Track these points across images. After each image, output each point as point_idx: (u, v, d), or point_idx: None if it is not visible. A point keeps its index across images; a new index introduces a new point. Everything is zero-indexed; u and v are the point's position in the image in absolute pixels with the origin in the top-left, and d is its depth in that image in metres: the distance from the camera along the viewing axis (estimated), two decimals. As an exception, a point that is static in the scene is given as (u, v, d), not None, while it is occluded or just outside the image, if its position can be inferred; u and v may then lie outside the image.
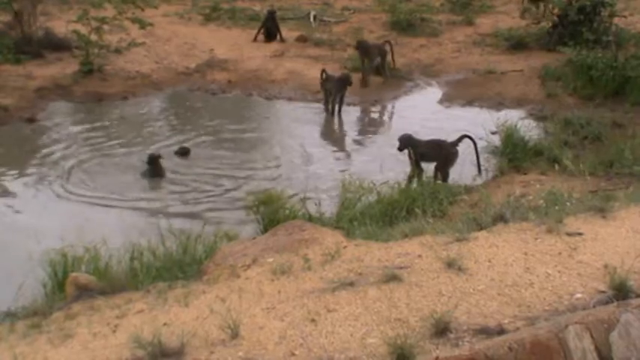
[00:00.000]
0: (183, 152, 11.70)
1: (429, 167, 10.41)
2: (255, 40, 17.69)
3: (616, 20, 16.38)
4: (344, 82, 13.43)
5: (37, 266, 7.18)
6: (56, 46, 15.89)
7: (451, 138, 10.51)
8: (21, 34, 15.67)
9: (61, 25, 16.24)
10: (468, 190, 9.71)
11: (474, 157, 10.56)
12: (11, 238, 8.93)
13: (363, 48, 15.00)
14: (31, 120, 13.02)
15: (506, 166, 10.62)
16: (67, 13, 17.44)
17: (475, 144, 10.39)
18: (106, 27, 15.17)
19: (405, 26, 18.72)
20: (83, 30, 15.00)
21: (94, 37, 14.95)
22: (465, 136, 10.38)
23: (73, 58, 15.19)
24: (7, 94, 13.61)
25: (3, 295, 6.73)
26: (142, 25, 15.70)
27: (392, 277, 5.27)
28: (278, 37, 17.81)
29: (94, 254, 7.29)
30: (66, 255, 7.14)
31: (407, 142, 10.50)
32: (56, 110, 13.78)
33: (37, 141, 12.18)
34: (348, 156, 11.81)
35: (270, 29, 17.75)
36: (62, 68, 15.04)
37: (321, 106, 13.79)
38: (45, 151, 11.72)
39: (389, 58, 15.48)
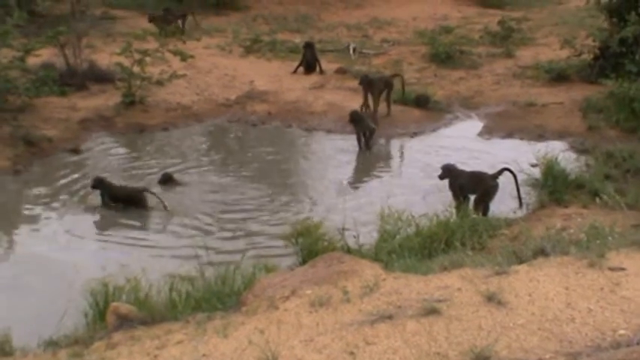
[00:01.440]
0: (165, 180, 11.74)
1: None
2: (295, 72, 17.82)
3: (658, 52, 16.23)
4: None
5: (78, 296, 7.25)
6: (100, 78, 16.17)
7: (491, 170, 10.47)
8: (66, 67, 15.97)
9: (105, 58, 16.52)
10: (508, 223, 9.62)
11: (514, 190, 10.48)
12: (53, 267, 9.05)
13: (366, 82, 14.91)
14: (75, 151, 13.23)
15: (546, 199, 10.51)
16: (110, 46, 17.71)
17: (515, 177, 10.31)
18: (148, 59, 15.38)
19: (445, 58, 18.72)
20: (126, 62, 15.24)
21: (136, 69, 15.17)
22: (506, 169, 10.32)
23: (115, 89, 15.42)
24: (52, 125, 13.86)
25: (46, 324, 6.80)
26: (184, 57, 15.91)
27: (431, 311, 5.24)
28: (317, 68, 17.92)
29: (134, 284, 7.34)
30: (107, 285, 7.20)
31: (448, 172, 10.48)
32: (99, 141, 13.97)
33: (79, 171, 12.35)
34: (387, 188, 11.78)
35: (309, 61, 17.87)
36: (105, 100, 15.28)
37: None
38: (87, 181, 11.86)
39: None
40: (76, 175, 12.19)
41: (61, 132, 13.75)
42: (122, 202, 10.95)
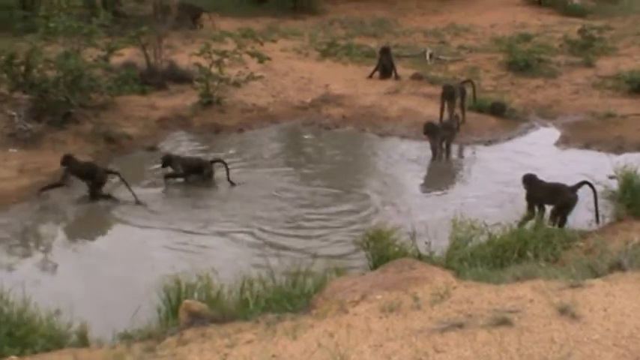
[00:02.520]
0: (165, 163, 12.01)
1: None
2: (370, 77, 17.83)
3: None
4: (448, 126, 13.48)
5: (152, 292, 7.40)
6: (179, 78, 16.49)
7: (567, 181, 10.31)
8: (147, 66, 16.32)
9: (184, 58, 16.82)
10: (583, 235, 9.45)
11: (591, 203, 10.29)
12: (130, 262, 9.28)
13: (449, 94, 14.76)
14: (153, 149, 13.50)
15: (624, 213, 10.28)
16: (190, 47, 18.01)
17: (595, 192, 10.09)
18: (226, 60, 15.60)
19: (522, 66, 18.50)
20: (204, 63, 15.49)
21: (214, 70, 15.41)
22: (585, 182, 10.13)
23: (193, 90, 15.69)
24: (133, 123, 14.19)
25: (121, 318, 6.97)
26: (261, 59, 16.08)
27: (502, 321, 5.19)
28: (393, 74, 17.89)
29: (206, 282, 7.45)
30: (180, 282, 7.32)
31: (528, 182, 10.36)
32: (176, 140, 14.23)
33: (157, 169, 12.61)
34: (459, 195, 11.71)
35: (385, 66, 17.86)
36: (183, 100, 15.56)
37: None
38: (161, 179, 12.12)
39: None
40: (154, 172, 12.44)
41: (140, 130, 14.08)
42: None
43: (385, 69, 17.83)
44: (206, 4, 24.52)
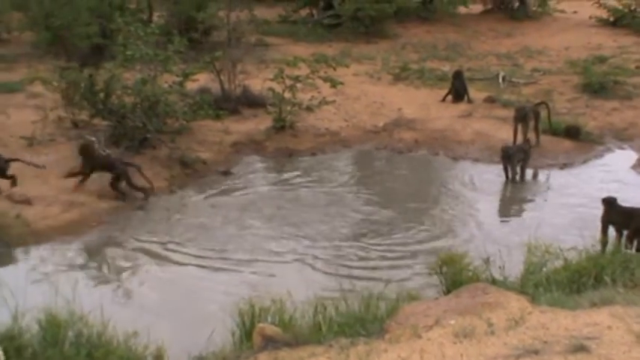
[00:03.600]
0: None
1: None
2: (443, 100, 17.79)
3: None
4: (522, 149, 13.38)
5: (227, 315, 7.50)
6: (252, 102, 16.74)
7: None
8: (221, 91, 16.61)
9: (258, 83, 17.06)
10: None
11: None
12: (205, 287, 9.43)
13: (522, 116, 14.59)
14: (227, 173, 13.70)
15: None
16: (263, 72, 18.27)
17: None
18: (298, 85, 15.78)
19: (597, 89, 18.22)
20: (278, 88, 15.69)
21: (287, 94, 15.59)
22: None
23: (267, 114, 15.90)
24: (207, 148, 14.44)
25: (197, 341, 7.08)
26: (334, 83, 16.20)
27: (579, 348, 5.12)
28: (466, 97, 17.81)
29: (279, 306, 7.51)
30: (254, 306, 7.40)
31: (606, 205, 10.19)
32: (249, 164, 14.42)
33: (232, 193, 12.80)
34: (534, 219, 11.56)
35: (458, 90, 17.79)
36: (256, 124, 15.78)
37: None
38: (239, 202, 12.29)
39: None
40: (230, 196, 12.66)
41: (215, 154, 14.31)
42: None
43: (458, 93, 17.77)
44: (280, 31, 24.89)
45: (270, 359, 6.10)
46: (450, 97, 17.82)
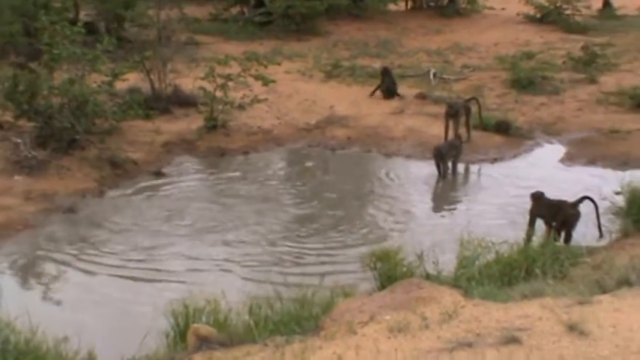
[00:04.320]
0: None
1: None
2: (372, 95, 17.86)
3: None
4: (454, 146, 13.54)
5: (160, 317, 7.40)
6: (183, 102, 16.53)
7: (572, 198, 10.31)
8: (151, 91, 16.39)
9: (189, 82, 16.86)
10: (590, 251, 9.43)
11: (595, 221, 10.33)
12: (138, 287, 9.29)
13: (453, 113, 14.72)
14: (158, 173, 13.53)
15: (631, 228, 10.27)
16: (194, 71, 18.06)
17: (596, 206, 10.09)
18: (230, 84, 15.66)
19: (526, 84, 18.51)
20: (209, 87, 15.55)
21: (219, 93, 15.46)
22: (586, 197, 10.13)
23: (198, 113, 15.73)
24: (137, 148, 14.22)
25: (129, 344, 6.96)
26: (265, 82, 16.13)
27: (511, 339, 5.18)
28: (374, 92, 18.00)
29: (214, 306, 7.44)
30: (187, 306, 7.32)
31: (534, 199, 10.37)
32: (181, 164, 14.25)
33: (163, 194, 12.65)
34: (466, 214, 11.70)
35: (389, 87, 17.87)
36: (188, 124, 15.60)
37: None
38: (171, 203, 12.16)
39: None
40: (160, 197, 12.50)
41: (145, 154, 14.10)
42: None
43: (389, 89, 17.85)
44: (211, 29, 24.68)
45: (204, 360, 6.03)
46: (379, 94, 17.85)
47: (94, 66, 14.71)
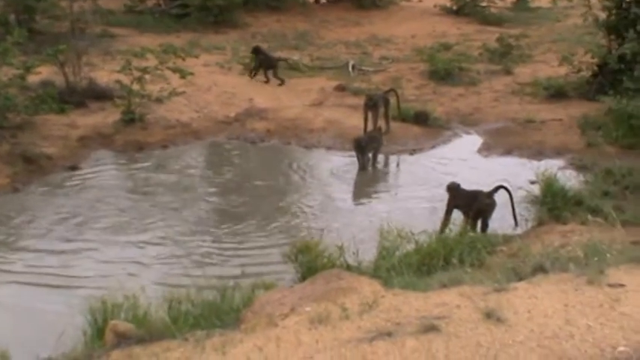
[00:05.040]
0: None
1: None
2: (252, 76, 18.47)
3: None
4: (374, 138, 13.61)
5: (77, 314, 7.24)
6: (99, 95, 16.17)
7: (489, 188, 10.48)
8: (65, 84, 16.00)
9: (104, 75, 16.54)
10: (507, 240, 9.62)
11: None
12: (53, 285, 9.06)
13: (372, 105, 14.82)
14: (74, 168, 13.23)
15: (545, 216, 10.51)
16: (110, 64, 17.73)
17: (511, 195, 10.26)
18: (147, 77, 15.40)
19: (444, 75, 18.75)
20: (125, 80, 15.27)
21: (135, 86, 15.20)
22: (501, 186, 10.30)
23: (115, 107, 15.41)
24: (52, 142, 13.85)
25: (44, 343, 6.78)
26: (183, 74, 15.91)
27: (430, 328, 5.23)
28: (253, 72, 18.59)
29: (132, 302, 7.32)
30: (106, 302, 7.18)
31: (451, 191, 10.50)
32: (98, 159, 13.96)
33: (79, 188, 12.38)
34: (386, 205, 11.78)
35: (264, 62, 18.51)
36: (104, 117, 15.28)
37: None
38: (87, 198, 11.91)
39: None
40: (75, 192, 12.23)
41: (60, 149, 13.74)
42: None
43: (269, 63, 18.49)
44: (126, 21, 24.24)
45: (123, 356, 5.93)
46: (277, 85, 18.15)
47: (4, 59, 14.27)
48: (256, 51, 18.71)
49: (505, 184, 10.35)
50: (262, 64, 18.53)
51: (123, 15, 25.20)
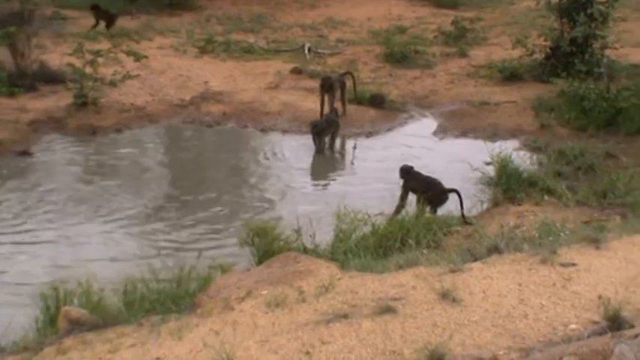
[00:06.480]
0: None
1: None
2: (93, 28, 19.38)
3: (608, 52, 16.53)
4: (332, 121, 13.60)
5: (28, 301, 7.14)
6: (50, 79, 15.90)
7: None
8: (15, 67, 15.70)
9: (56, 58, 16.26)
10: (462, 221, 9.70)
11: (470, 190, 10.61)
12: (4, 271, 8.91)
13: (328, 86, 14.80)
14: (25, 153, 13.00)
15: (500, 197, 10.62)
16: (61, 46, 17.44)
17: (461, 199, 10.08)
18: (100, 60, 15.18)
19: (399, 58, 18.80)
20: (78, 63, 15.03)
21: (88, 70, 14.97)
22: (454, 190, 10.17)
23: (67, 91, 15.17)
24: (1, 127, 13.56)
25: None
26: (137, 57, 15.73)
27: (386, 309, 5.25)
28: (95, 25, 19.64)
29: (86, 288, 7.23)
30: (57, 289, 7.08)
31: (405, 174, 10.51)
32: (50, 143, 13.74)
33: (30, 174, 12.19)
34: (343, 187, 11.79)
35: (104, 17, 19.75)
36: (56, 101, 15.03)
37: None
38: (39, 183, 11.73)
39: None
40: (27, 177, 12.04)
41: (11, 134, 13.47)
42: None
43: (110, 17, 19.85)
44: (78, 3, 23.86)
45: (76, 343, 5.86)
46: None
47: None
48: (95, 7, 19.80)
49: (457, 189, 10.21)
50: (102, 18, 19.73)
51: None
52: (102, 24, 19.93)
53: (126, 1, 24.21)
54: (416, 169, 10.68)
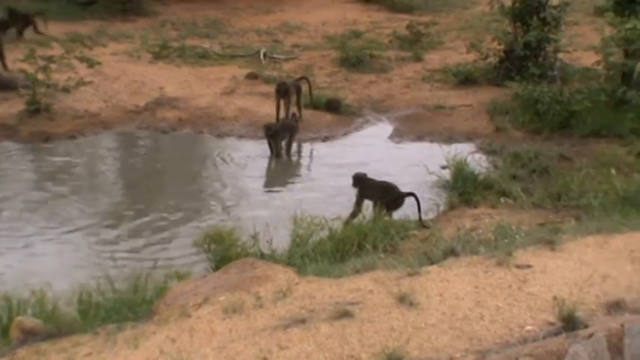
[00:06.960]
0: None
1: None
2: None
3: (561, 55, 16.77)
4: (289, 125, 13.58)
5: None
6: (2, 85, 15.65)
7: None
8: (-35, 74, 15.47)
9: (8, 64, 16.03)
10: (419, 225, 9.74)
11: (425, 192, 10.65)
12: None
13: (283, 91, 14.79)
14: (-24, 160, 12.81)
15: (456, 200, 10.68)
16: (13, 52, 17.20)
17: (419, 202, 10.13)
18: (53, 66, 15.01)
19: (355, 63, 18.88)
20: (30, 69, 14.83)
21: (40, 76, 14.78)
22: (412, 194, 10.20)
23: (19, 97, 14.96)
24: (-50, 134, 13.37)
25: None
26: (90, 63, 15.59)
27: (344, 314, 5.25)
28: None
29: (39, 297, 7.12)
30: (10, 299, 6.96)
31: (358, 181, 10.50)
32: (1, 151, 13.52)
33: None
34: (299, 192, 11.78)
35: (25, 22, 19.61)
36: (8, 108, 14.80)
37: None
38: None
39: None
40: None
41: (-39, 141, 13.27)
42: None
43: (26, 20, 19.93)
44: (30, 9, 23.55)
45: (30, 354, 5.75)
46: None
47: None
48: (11, 13, 19.73)
49: (415, 193, 10.25)
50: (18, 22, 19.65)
51: (26, 2, 24.48)
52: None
53: (78, 7, 24.04)
54: (372, 174, 10.68)
